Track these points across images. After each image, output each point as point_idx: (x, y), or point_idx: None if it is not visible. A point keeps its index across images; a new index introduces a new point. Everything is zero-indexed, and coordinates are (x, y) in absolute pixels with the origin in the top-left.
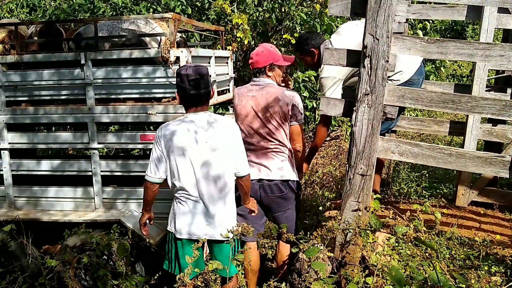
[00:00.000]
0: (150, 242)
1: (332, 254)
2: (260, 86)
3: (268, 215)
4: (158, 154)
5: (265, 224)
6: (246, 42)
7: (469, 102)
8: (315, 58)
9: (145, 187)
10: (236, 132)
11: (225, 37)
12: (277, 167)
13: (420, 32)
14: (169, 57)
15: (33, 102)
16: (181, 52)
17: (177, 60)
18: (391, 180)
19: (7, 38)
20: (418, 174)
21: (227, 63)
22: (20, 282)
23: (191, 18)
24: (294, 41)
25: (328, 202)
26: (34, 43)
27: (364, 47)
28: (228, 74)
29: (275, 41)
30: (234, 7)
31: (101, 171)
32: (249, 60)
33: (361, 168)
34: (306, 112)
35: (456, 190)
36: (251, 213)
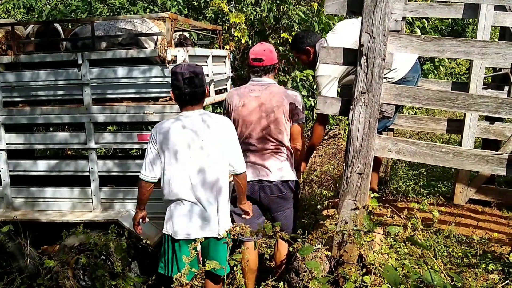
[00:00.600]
0: (148, 242)
1: (330, 253)
2: (263, 86)
3: (267, 215)
4: (153, 153)
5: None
6: (244, 41)
7: (466, 100)
8: (311, 57)
9: (140, 186)
10: (232, 130)
11: (223, 36)
12: (277, 168)
13: (418, 31)
14: (166, 57)
15: (30, 103)
16: (178, 52)
17: (174, 60)
18: (389, 179)
19: (4, 39)
20: (416, 172)
21: (225, 62)
22: (18, 283)
23: (188, 18)
24: None
25: (326, 201)
26: (31, 44)
27: (361, 46)
28: (226, 73)
29: (273, 40)
30: (232, 6)
31: (99, 171)
32: (256, 57)
33: (358, 167)
34: (305, 111)
35: (454, 188)
36: (246, 215)
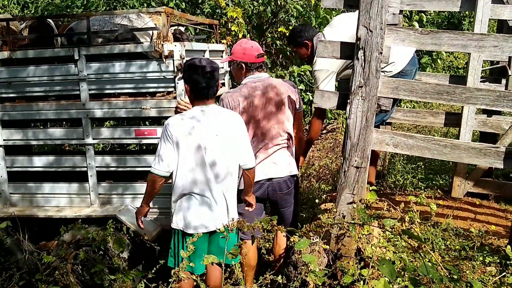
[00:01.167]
0: (146, 238)
1: (328, 247)
2: (265, 81)
3: (272, 211)
4: (167, 147)
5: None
6: (241, 36)
7: (464, 93)
8: (309, 51)
9: (152, 181)
10: (243, 125)
11: (220, 31)
12: (287, 163)
13: (416, 24)
14: (163, 51)
15: (27, 98)
16: (175, 46)
17: (172, 54)
18: (387, 172)
19: None
20: (414, 166)
21: (222, 57)
22: (17, 279)
23: (185, 13)
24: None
25: (325, 195)
26: (25, 39)
27: (358, 39)
28: (223, 68)
29: (270, 34)
30: (229, 1)
31: (96, 167)
32: (259, 53)
33: (356, 161)
34: (303, 105)
35: (452, 182)
36: (249, 207)
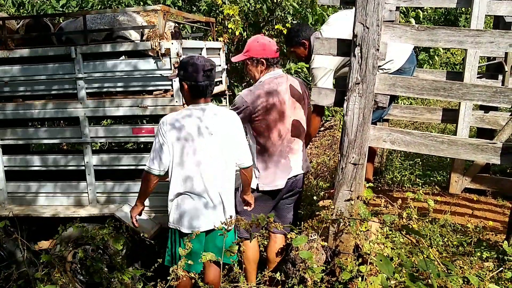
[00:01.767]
0: (145, 236)
1: (326, 243)
2: (284, 77)
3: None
4: (163, 146)
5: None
6: (238, 33)
7: (460, 90)
8: (306, 50)
9: (147, 180)
10: (239, 124)
11: (216, 28)
12: (304, 159)
13: (413, 21)
14: (160, 49)
15: (24, 97)
16: (172, 44)
17: (168, 52)
18: (384, 169)
19: None
20: (412, 162)
21: (219, 55)
22: (15, 278)
23: (182, 10)
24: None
25: (322, 192)
26: (22, 38)
27: (354, 36)
28: (220, 66)
29: (267, 32)
30: None
31: (94, 165)
32: (274, 47)
33: (353, 157)
34: None
35: (450, 178)
36: (247, 206)
